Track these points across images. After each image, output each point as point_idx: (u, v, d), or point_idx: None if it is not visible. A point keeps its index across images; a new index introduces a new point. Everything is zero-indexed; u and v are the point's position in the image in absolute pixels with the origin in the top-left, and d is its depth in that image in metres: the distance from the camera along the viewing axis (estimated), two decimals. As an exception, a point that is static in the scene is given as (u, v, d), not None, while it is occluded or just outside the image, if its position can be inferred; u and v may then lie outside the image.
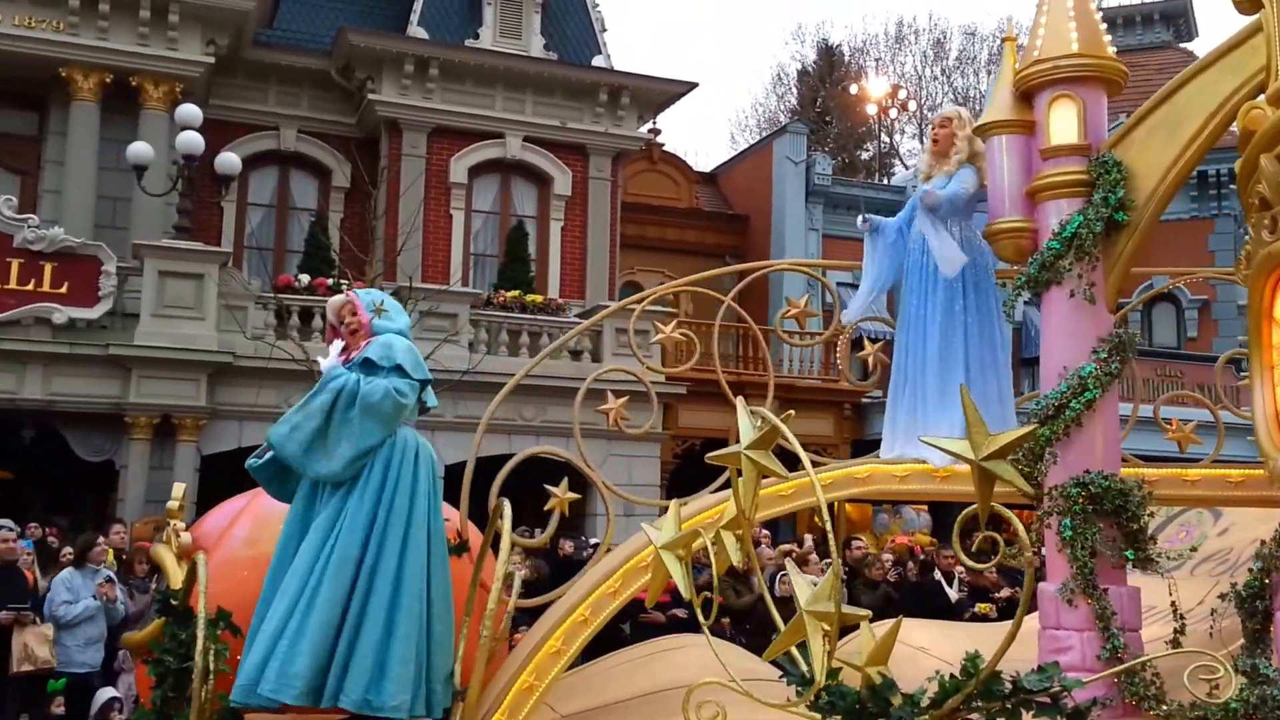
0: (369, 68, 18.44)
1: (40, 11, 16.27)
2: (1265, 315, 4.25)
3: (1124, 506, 4.43)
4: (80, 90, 16.63)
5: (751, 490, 3.45)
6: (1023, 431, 3.17)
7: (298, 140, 18.84)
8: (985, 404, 4.93)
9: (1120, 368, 4.57)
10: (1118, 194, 4.55)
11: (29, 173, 17.25)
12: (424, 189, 18.82)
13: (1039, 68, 4.75)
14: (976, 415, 3.09)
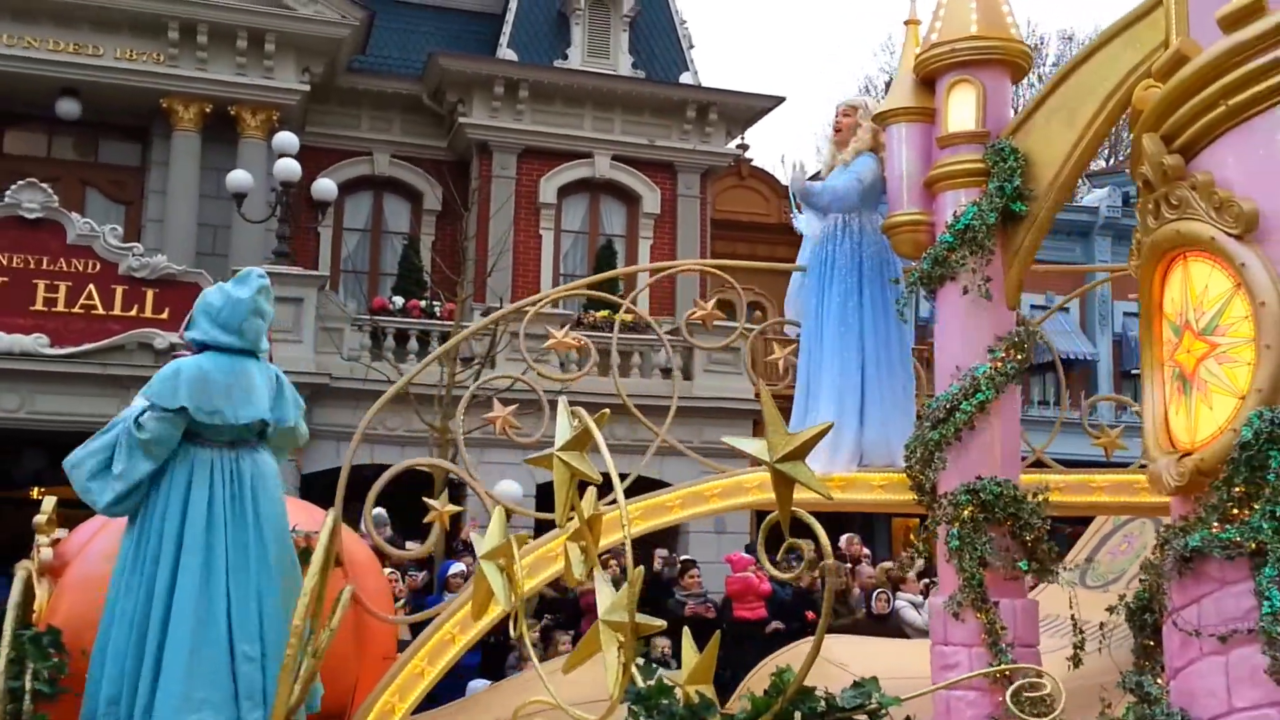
0: (459, 91, 18.76)
1: (141, 44, 17.10)
2: (1156, 308, 3.82)
3: (1016, 514, 4.03)
4: (181, 120, 17.40)
5: (564, 494, 3.25)
6: (817, 430, 2.89)
7: (391, 165, 19.30)
8: (883, 404, 4.61)
9: (1018, 368, 4.16)
10: (1014, 183, 4.20)
11: (133, 202, 18.13)
12: (514, 210, 19.01)
13: (936, 51, 4.44)
14: (775, 414, 2.86)
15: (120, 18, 16.95)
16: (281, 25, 17.48)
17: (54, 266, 15.48)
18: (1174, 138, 3.75)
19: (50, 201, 15.35)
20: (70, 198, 17.14)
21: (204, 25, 17.20)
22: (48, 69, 16.78)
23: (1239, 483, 3.48)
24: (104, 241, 15.62)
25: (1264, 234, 3.57)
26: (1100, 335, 21.56)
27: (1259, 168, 3.61)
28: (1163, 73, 3.76)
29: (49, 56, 16.78)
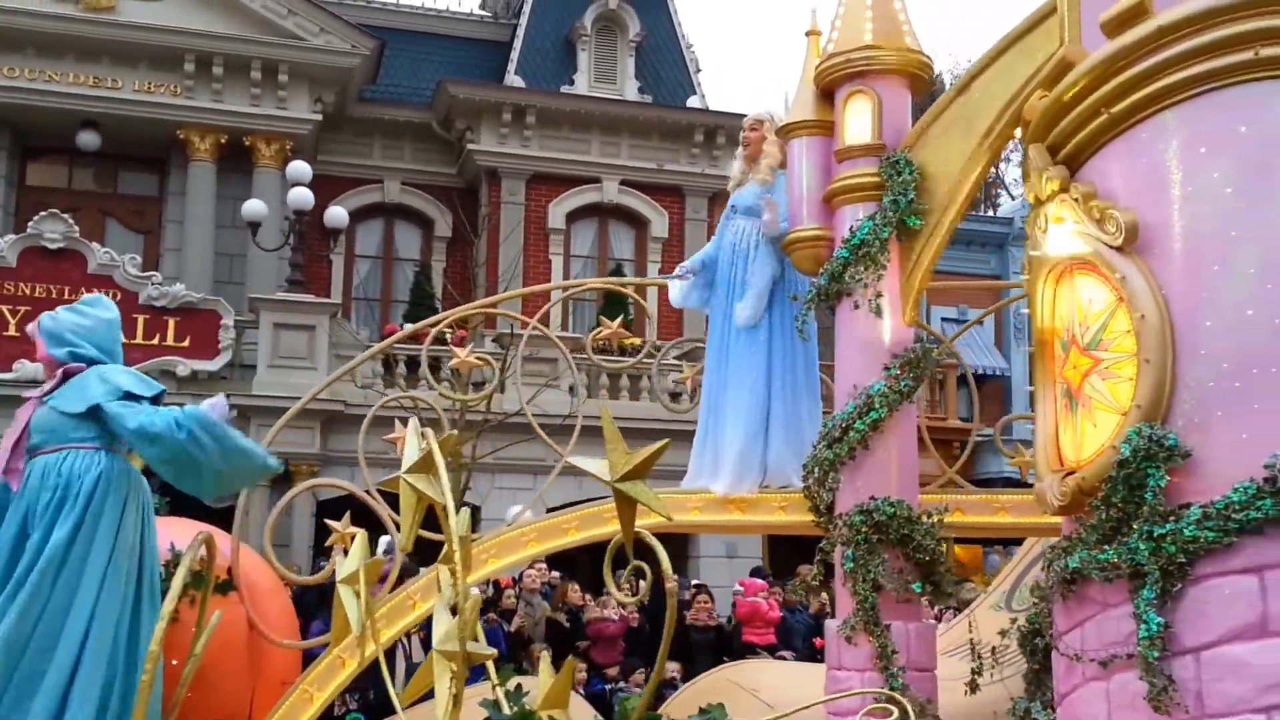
0: (468, 118, 18.90)
1: (158, 76, 17.42)
2: (1049, 320, 3.70)
3: (910, 535, 3.92)
4: (197, 151, 17.68)
5: (410, 519, 3.22)
6: (653, 449, 2.82)
7: (401, 192, 19.47)
8: (787, 426, 4.52)
9: (914, 385, 4.07)
10: (908, 197, 4.11)
11: (151, 232, 18.43)
12: (523, 235, 19.09)
13: (832, 62, 4.37)
14: (614, 432, 2.81)
15: (138, 51, 17.29)
16: (294, 56, 17.75)
17: (75, 296, 15.51)
18: (1060, 148, 3.65)
19: (71, 232, 15.65)
20: (91, 228, 17.45)
21: (219, 58, 17.50)
22: (68, 102, 17.15)
23: (1117, 502, 3.36)
24: (124, 271, 15.88)
25: (1146, 246, 3.46)
26: (1015, 350, 21.13)
27: (1142, 178, 3.51)
28: (1049, 81, 3.68)
29: (69, 90, 17.15)
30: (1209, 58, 3.38)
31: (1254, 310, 3.34)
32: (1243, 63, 3.37)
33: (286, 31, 17.72)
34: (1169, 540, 3.28)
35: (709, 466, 4.85)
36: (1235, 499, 3.24)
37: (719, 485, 4.72)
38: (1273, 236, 3.35)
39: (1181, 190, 3.44)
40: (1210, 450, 3.35)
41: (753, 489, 4.73)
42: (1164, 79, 3.43)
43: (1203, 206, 3.42)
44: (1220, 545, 3.25)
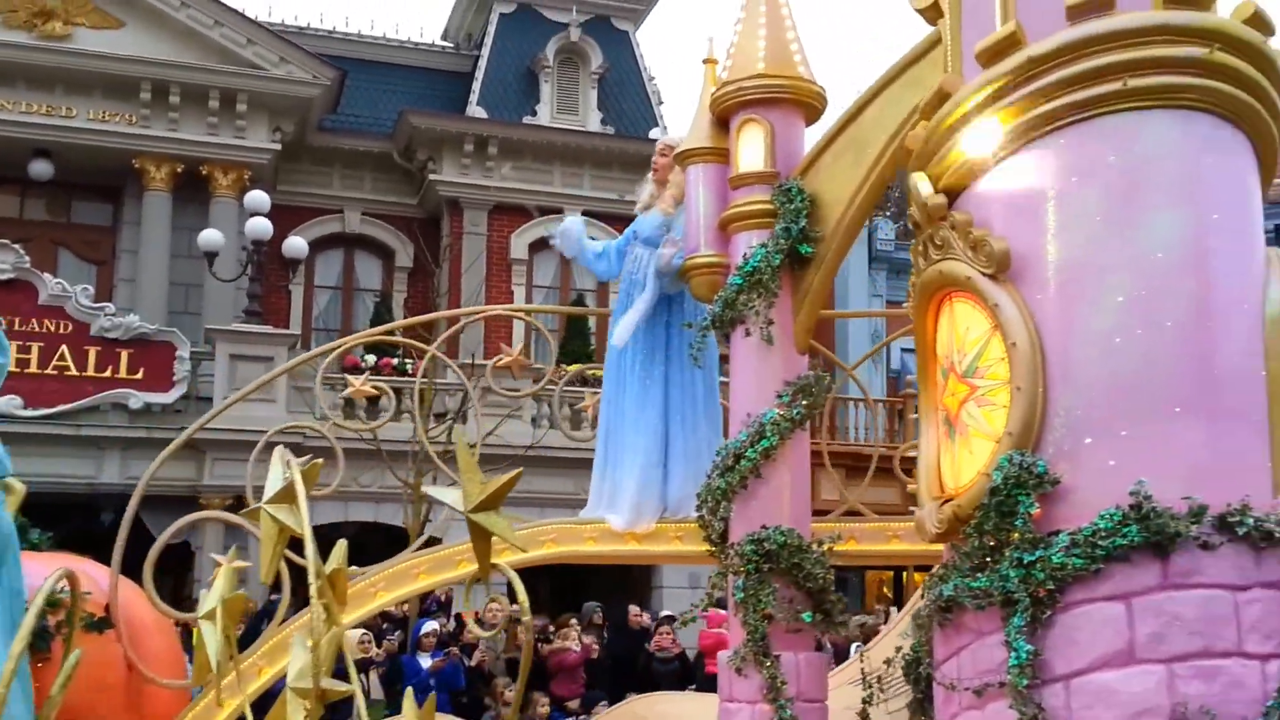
0: (430, 148, 18.90)
1: (113, 105, 17.32)
2: (929, 350, 3.72)
3: (800, 564, 3.90)
4: (153, 180, 17.57)
5: (270, 550, 3.17)
6: (506, 478, 2.80)
7: (362, 222, 19.42)
8: (686, 456, 4.51)
9: (807, 413, 4.06)
10: (799, 224, 4.13)
11: (105, 262, 18.27)
12: (485, 266, 19.07)
13: (726, 90, 4.40)
14: (470, 461, 2.77)
15: (93, 80, 17.20)
16: (253, 85, 17.70)
17: (26, 327, 15.55)
18: (940, 177, 3.68)
19: (22, 262, 15.47)
20: (42, 258, 17.28)
21: (176, 86, 17.43)
22: (21, 130, 16.99)
23: (989, 529, 3.36)
24: (76, 302, 15.73)
25: (1020, 274, 3.48)
26: None
27: (1016, 206, 3.53)
28: (928, 110, 3.70)
29: (22, 119, 17.01)
30: (1079, 88, 3.42)
31: (1121, 338, 3.37)
32: (1112, 93, 3.41)
33: (246, 61, 17.69)
34: (1038, 568, 3.28)
35: (607, 497, 4.82)
36: (1102, 526, 3.25)
37: (617, 519, 4.70)
38: (1140, 265, 3.38)
39: (1053, 219, 3.47)
40: (1080, 477, 3.36)
41: (651, 524, 4.71)
42: (1038, 109, 3.47)
43: (1073, 235, 3.45)
44: (1088, 572, 3.26)
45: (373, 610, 4.89)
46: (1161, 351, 3.35)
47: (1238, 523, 3.24)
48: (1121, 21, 3.38)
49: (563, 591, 18.31)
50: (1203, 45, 3.38)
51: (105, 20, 17.48)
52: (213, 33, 17.58)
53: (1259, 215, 3.61)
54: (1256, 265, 3.53)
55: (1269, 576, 3.29)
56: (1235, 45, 3.42)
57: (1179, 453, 3.32)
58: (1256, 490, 3.34)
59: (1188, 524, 3.21)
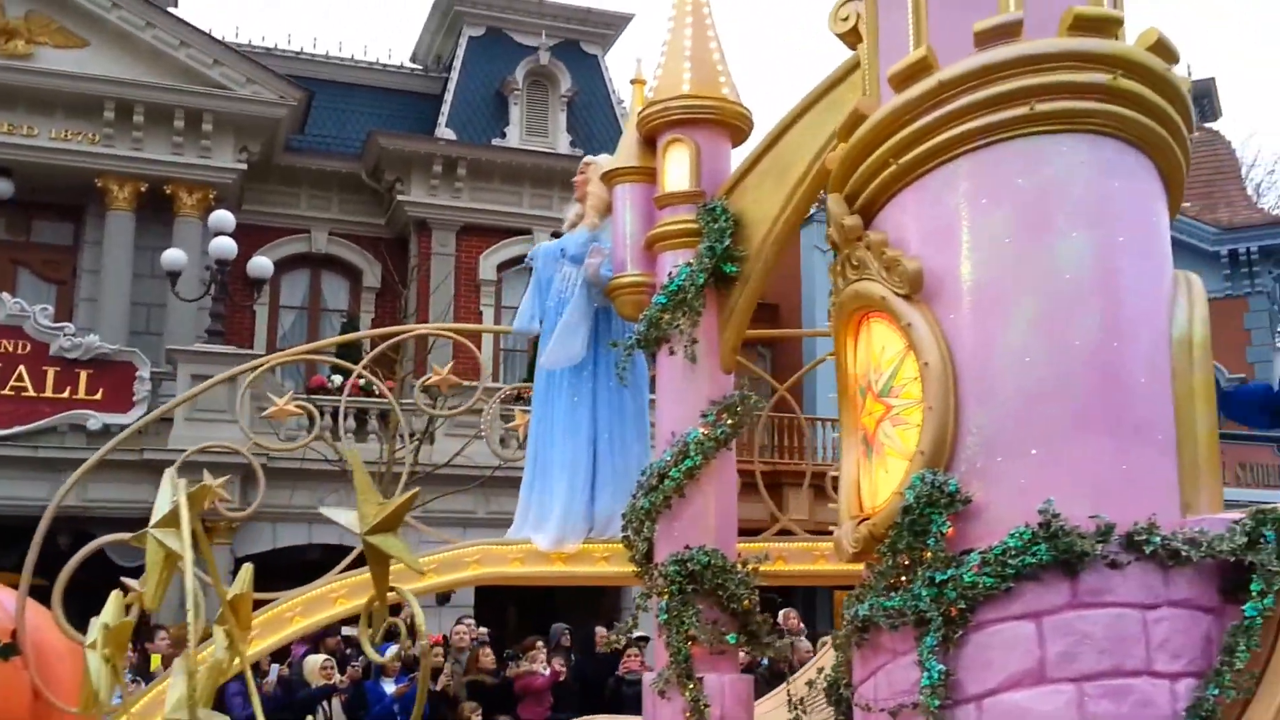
0: (398, 169, 18.91)
1: (76, 124, 17.27)
2: (849, 370, 3.73)
3: (724, 585, 3.89)
4: (115, 200, 17.50)
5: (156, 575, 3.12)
6: (402, 499, 2.78)
7: (329, 242, 19.41)
8: (614, 475, 4.50)
9: (732, 433, 4.07)
10: (724, 243, 4.16)
11: (65, 282, 18.17)
12: (454, 287, 19.06)
13: (652, 109, 4.44)
14: (365, 481, 2.75)
15: (56, 98, 17.15)
16: (219, 105, 17.69)
17: (-18, 347, 15.47)
18: (856, 197, 3.72)
19: (-21, 281, 15.41)
20: (1, 277, 17.19)
21: (140, 106, 17.40)
22: (-19, 149, 16.94)
23: (902, 548, 3.37)
24: (34, 322, 15.62)
25: (932, 293, 3.51)
26: None
27: (930, 227, 3.57)
28: (844, 132, 3.74)
29: (-18, 137, 16.95)
30: (987, 112, 3.46)
31: (1031, 357, 3.40)
32: (1019, 117, 3.45)
33: (212, 81, 17.68)
34: (950, 587, 3.29)
35: (534, 517, 4.81)
36: (1012, 544, 3.27)
37: (543, 539, 4.68)
38: (1048, 286, 3.42)
39: (965, 240, 3.50)
40: (991, 496, 3.38)
41: (577, 543, 4.70)
42: (947, 132, 3.50)
43: (984, 256, 3.48)
44: (999, 591, 3.27)
45: (289, 637, 4.83)
46: (1070, 371, 3.38)
47: (1144, 541, 3.26)
48: (1028, 48, 3.43)
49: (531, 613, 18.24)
50: (1107, 71, 3.43)
51: (70, 40, 17.44)
52: (179, 53, 17.58)
53: (1166, 237, 3.66)
54: (1163, 287, 3.57)
55: (1177, 595, 3.31)
56: (1139, 72, 3.47)
57: (1087, 471, 3.34)
58: (1165, 509, 3.37)
59: (1094, 543, 3.23)
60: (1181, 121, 3.59)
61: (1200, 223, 21.69)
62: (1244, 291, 21.61)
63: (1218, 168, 23.07)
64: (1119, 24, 3.51)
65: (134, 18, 17.43)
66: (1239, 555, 3.30)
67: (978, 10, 3.53)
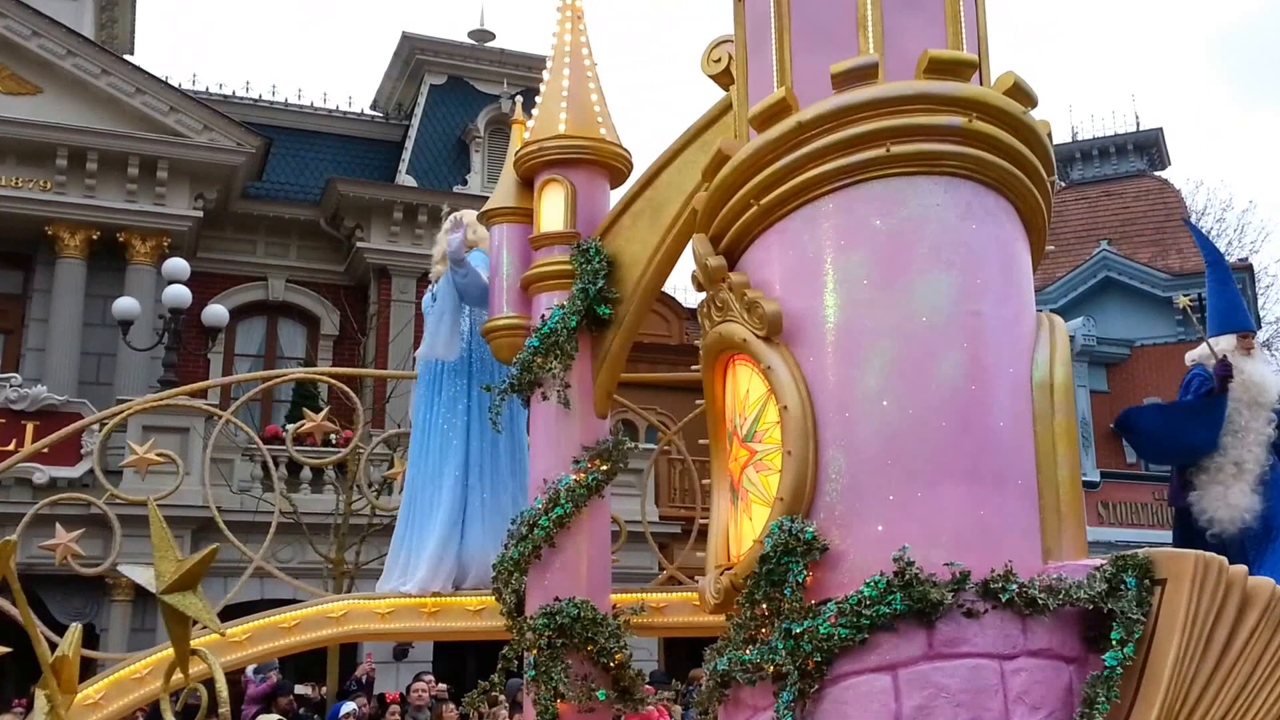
0: (358, 216, 18.86)
1: (27, 171, 17.10)
2: (719, 414, 3.66)
3: (594, 638, 3.78)
4: (67, 247, 17.29)
5: None
6: (201, 555, 2.67)
7: (286, 290, 19.26)
8: (485, 519, 4.40)
9: (605, 479, 3.98)
10: (597, 285, 4.10)
11: (13, 331, 17.86)
12: (414, 334, 18.91)
13: (528, 149, 4.41)
14: (162, 536, 2.64)
15: (6, 145, 16.97)
16: (175, 153, 17.55)
17: (-74, 398, 15.20)
18: (721, 238, 3.68)
19: (-77, 332, 15.17)
20: (-53, 327, 16.99)
21: (94, 153, 17.23)
22: (-72, 196, 16.76)
23: (760, 599, 3.29)
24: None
25: (793, 336, 3.46)
26: None
27: (791, 268, 3.52)
28: (709, 173, 3.71)
29: (-71, 184, 16.79)
30: (845, 153, 3.44)
31: (889, 402, 3.34)
32: (876, 159, 3.43)
33: (168, 128, 17.57)
34: (806, 639, 3.20)
35: (402, 566, 4.70)
36: (867, 594, 3.19)
37: (411, 584, 4.57)
38: (905, 328, 3.37)
39: (824, 281, 3.46)
40: (850, 543, 3.31)
41: (446, 585, 4.58)
42: (806, 173, 3.48)
43: (843, 298, 3.44)
44: (855, 642, 3.18)
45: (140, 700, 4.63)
46: (927, 416, 3.33)
47: (1000, 589, 3.19)
48: (882, 90, 3.42)
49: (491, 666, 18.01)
50: (962, 114, 3.41)
51: (22, 86, 17.35)
52: (134, 100, 17.48)
53: (1027, 280, 3.63)
54: (1024, 330, 3.53)
55: (1036, 645, 3.24)
56: (994, 115, 3.46)
57: (945, 518, 3.28)
58: (1024, 556, 3.31)
59: (949, 591, 3.16)
60: (1041, 165, 3.57)
61: (1152, 269, 21.93)
62: (1195, 337, 21.51)
63: (1168, 215, 23.32)
64: (973, 67, 3.50)
65: (89, 65, 17.35)
66: (1098, 603, 3.23)
67: (841, 52, 3.52)
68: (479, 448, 4.68)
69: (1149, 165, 25.42)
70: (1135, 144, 25.39)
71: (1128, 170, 25.05)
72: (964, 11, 3.66)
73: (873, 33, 3.51)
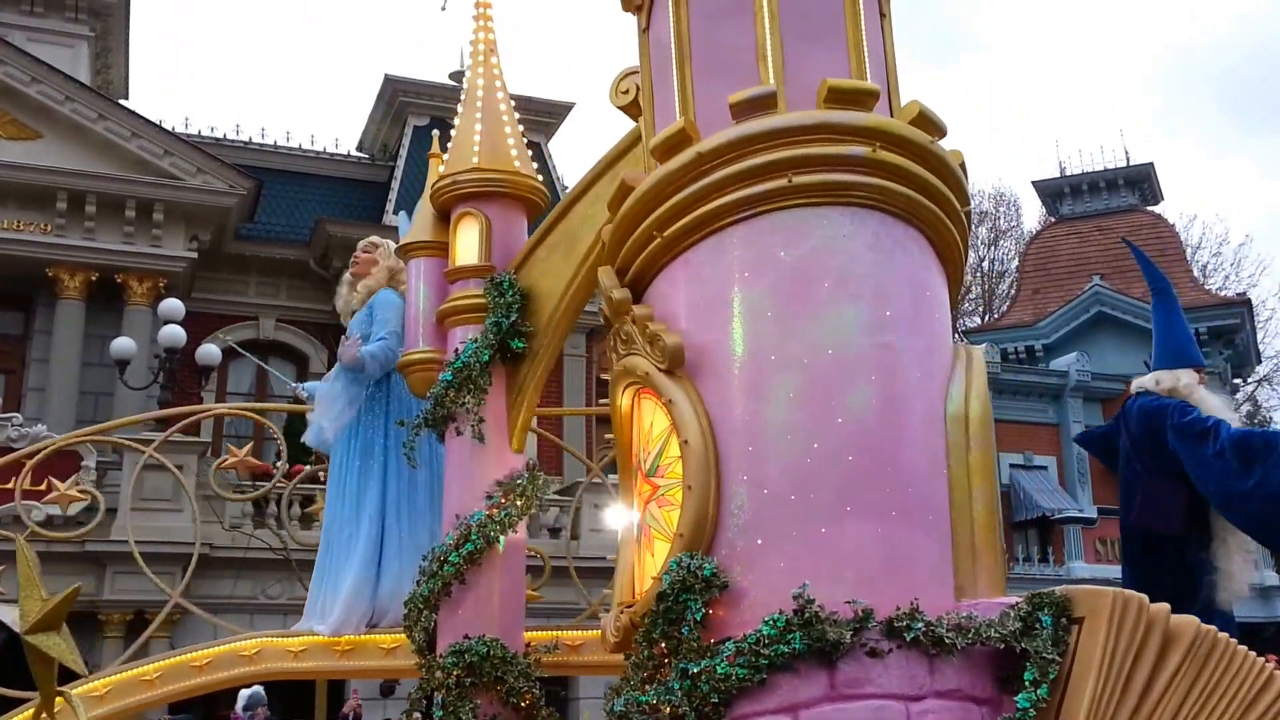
0: (346, 256, 18.65)
1: (28, 215, 17.27)
2: (628, 449, 3.59)
3: (503, 678, 3.69)
4: (66, 289, 17.43)
5: None
6: (62, 596, 2.61)
7: (276, 329, 19.33)
8: (401, 557, 4.32)
9: (519, 514, 3.90)
10: (510, 318, 4.04)
11: (14, 371, 17.98)
12: (402, 373, 18.95)
13: (443, 183, 4.38)
14: (28, 574, 2.58)
15: (8, 189, 17.15)
16: (170, 195, 17.73)
17: (-69, 438, 15.25)
18: (627, 270, 3.62)
19: (-73, 373, 15.26)
20: (-49, 369, 17.08)
21: (92, 196, 17.41)
22: (-69, 239, 16.91)
23: (658, 637, 3.19)
24: (135, 425, 15.39)
25: (697, 369, 3.39)
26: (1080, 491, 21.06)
27: (695, 300, 3.46)
28: (614, 204, 3.66)
29: (-68, 227, 16.94)
30: (746, 184, 3.38)
31: (793, 435, 3.26)
32: (778, 189, 3.37)
33: (163, 171, 17.74)
34: (704, 679, 3.10)
35: (321, 607, 4.61)
36: (766, 633, 3.09)
37: (325, 626, 4.48)
38: (808, 361, 3.29)
39: (728, 315, 3.39)
40: (751, 581, 3.22)
41: (361, 626, 4.50)
42: (708, 204, 3.42)
43: (747, 330, 3.37)
44: (753, 683, 3.08)
45: None
46: (834, 450, 3.24)
47: (905, 628, 3.09)
48: (782, 120, 3.36)
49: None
50: (865, 144, 3.35)
51: (23, 131, 17.54)
52: (130, 144, 17.65)
53: (941, 311, 3.54)
54: (938, 362, 3.45)
55: (944, 685, 3.13)
56: (899, 144, 3.39)
57: (850, 555, 3.18)
58: (935, 594, 3.21)
59: (848, 630, 3.06)
60: (953, 195, 3.50)
61: (1147, 304, 21.53)
62: None
63: (1162, 250, 23.13)
64: (874, 96, 3.44)
65: (86, 110, 17.55)
66: (1010, 642, 3.13)
67: (742, 82, 3.47)
68: (397, 486, 4.61)
69: (1141, 200, 25.34)
70: (1126, 179, 25.32)
71: (1119, 205, 24.95)
72: (869, 41, 3.61)
73: (773, 62, 3.47)
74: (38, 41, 18.64)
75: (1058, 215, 25.23)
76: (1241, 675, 3.10)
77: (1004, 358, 21.78)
